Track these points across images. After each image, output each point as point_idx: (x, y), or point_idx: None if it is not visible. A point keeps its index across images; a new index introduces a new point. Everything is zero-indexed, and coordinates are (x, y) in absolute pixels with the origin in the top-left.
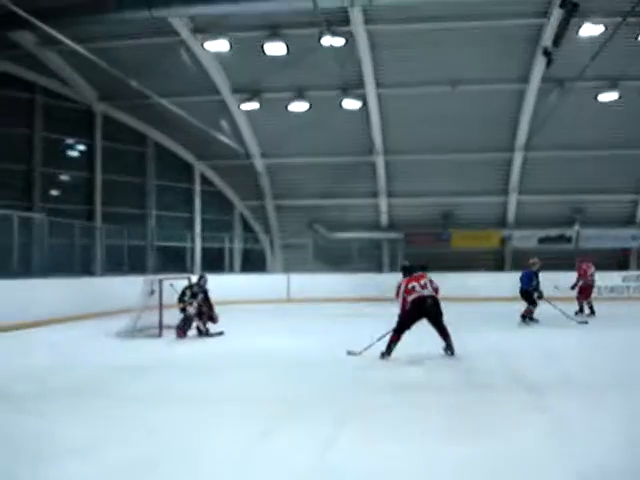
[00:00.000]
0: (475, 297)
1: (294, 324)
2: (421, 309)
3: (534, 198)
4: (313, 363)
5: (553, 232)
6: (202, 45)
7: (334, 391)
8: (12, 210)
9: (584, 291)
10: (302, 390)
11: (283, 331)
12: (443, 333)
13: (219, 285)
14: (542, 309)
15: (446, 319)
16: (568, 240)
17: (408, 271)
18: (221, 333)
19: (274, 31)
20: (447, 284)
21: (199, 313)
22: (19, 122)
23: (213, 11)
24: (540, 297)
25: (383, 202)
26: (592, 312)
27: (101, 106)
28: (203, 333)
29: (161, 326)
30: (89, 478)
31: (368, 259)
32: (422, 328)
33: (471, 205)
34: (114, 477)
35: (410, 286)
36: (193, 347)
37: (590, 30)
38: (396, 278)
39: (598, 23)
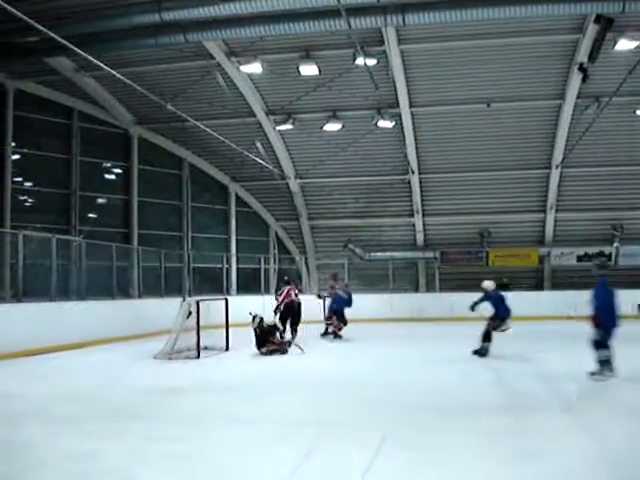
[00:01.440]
0: (514, 316)
1: (330, 345)
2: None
3: (572, 215)
4: (351, 384)
5: (592, 249)
6: (237, 68)
7: (374, 414)
8: (50, 233)
9: None
10: (342, 412)
11: (320, 352)
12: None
13: (254, 305)
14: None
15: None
16: (607, 257)
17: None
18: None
19: (307, 53)
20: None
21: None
22: (57, 146)
23: (247, 34)
24: None
25: (419, 221)
26: None
27: (137, 129)
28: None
29: (199, 347)
30: None
31: (404, 279)
32: (456, 352)
33: (508, 223)
34: None
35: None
36: (231, 368)
37: (626, 45)
38: (434, 297)
39: (633, 38)
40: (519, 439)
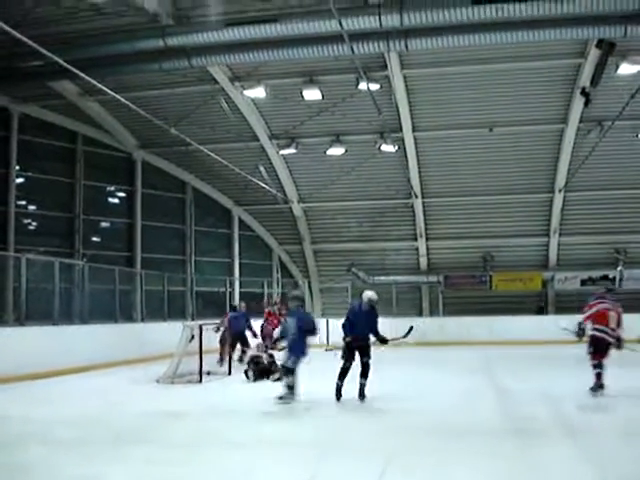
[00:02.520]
0: (517, 341)
1: (333, 369)
2: None
3: (576, 239)
4: (353, 407)
5: (596, 273)
6: (240, 92)
7: (378, 436)
8: (54, 257)
9: None
10: (345, 435)
11: (324, 376)
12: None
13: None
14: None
15: (486, 364)
16: (612, 281)
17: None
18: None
19: (311, 78)
20: (489, 327)
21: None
22: (61, 170)
23: (250, 59)
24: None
25: (422, 245)
26: None
27: (141, 153)
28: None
29: (201, 372)
30: None
31: (407, 303)
32: (464, 373)
33: (511, 247)
34: None
35: None
36: (233, 392)
37: (628, 69)
38: (437, 322)
39: (635, 62)
40: (522, 462)
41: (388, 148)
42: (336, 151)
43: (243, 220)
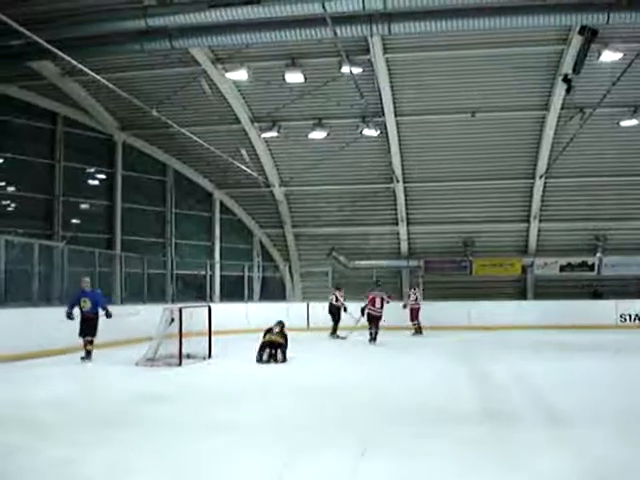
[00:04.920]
0: (497, 325)
1: (315, 353)
2: None
3: (556, 225)
4: (333, 391)
5: (575, 260)
6: (222, 75)
7: (358, 420)
8: (33, 238)
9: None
10: (325, 419)
11: (304, 360)
12: None
13: (238, 313)
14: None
15: (468, 348)
16: (590, 268)
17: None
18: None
19: (293, 60)
20: (469, 312)
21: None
22: (41, 151)
23: (233, 41)
24: None
25: (403, 230)
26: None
27: (122, 135)
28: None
29: (181, 355)
30: None
31: (388, 287)
32: (444, 355)
33: (492, 233)
34: None
35: None
36: (213, 376)
37: (610, 56)
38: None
39: (618, 50)
40: (496, 446)
41: (370, 132)
42: (318, 135)
43: (224, 203)
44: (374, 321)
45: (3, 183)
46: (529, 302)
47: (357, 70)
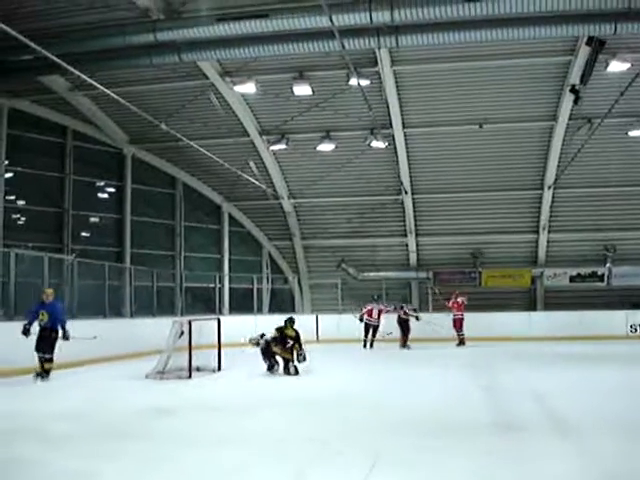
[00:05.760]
0: (507, 337)
1: (326, 365)
2: None
3: (565, 236)
4: (343, 403)
5: (585, 270)
6: (231, 88)
7: (367, 433)
8: (43, 252)
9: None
10: (334, 431)
11: (315, 371)
12: None
13: (247, 326)
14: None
15: (478, 359)
16: (600, 278)
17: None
18: None
19: (301, 73)
20: (478, 324)
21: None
22: (51, 165)
23: (241, 54)
24: None
25: (412, 241)
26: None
27: (131, 149)
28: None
29: (190, 367)
30: None
31: (397, 299)
32: (454, 367)
33: (501, 244)
34: None
35: None
36: (223, 388)
37: (617, 67)
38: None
39: (625, 60)
40: (509, 458)
41: (378, 144)
42: (326, 147)
43: (233, 216)
44: (371, 329)
45: (13, 196)
46: (539, 313)
47: (365, 82)
